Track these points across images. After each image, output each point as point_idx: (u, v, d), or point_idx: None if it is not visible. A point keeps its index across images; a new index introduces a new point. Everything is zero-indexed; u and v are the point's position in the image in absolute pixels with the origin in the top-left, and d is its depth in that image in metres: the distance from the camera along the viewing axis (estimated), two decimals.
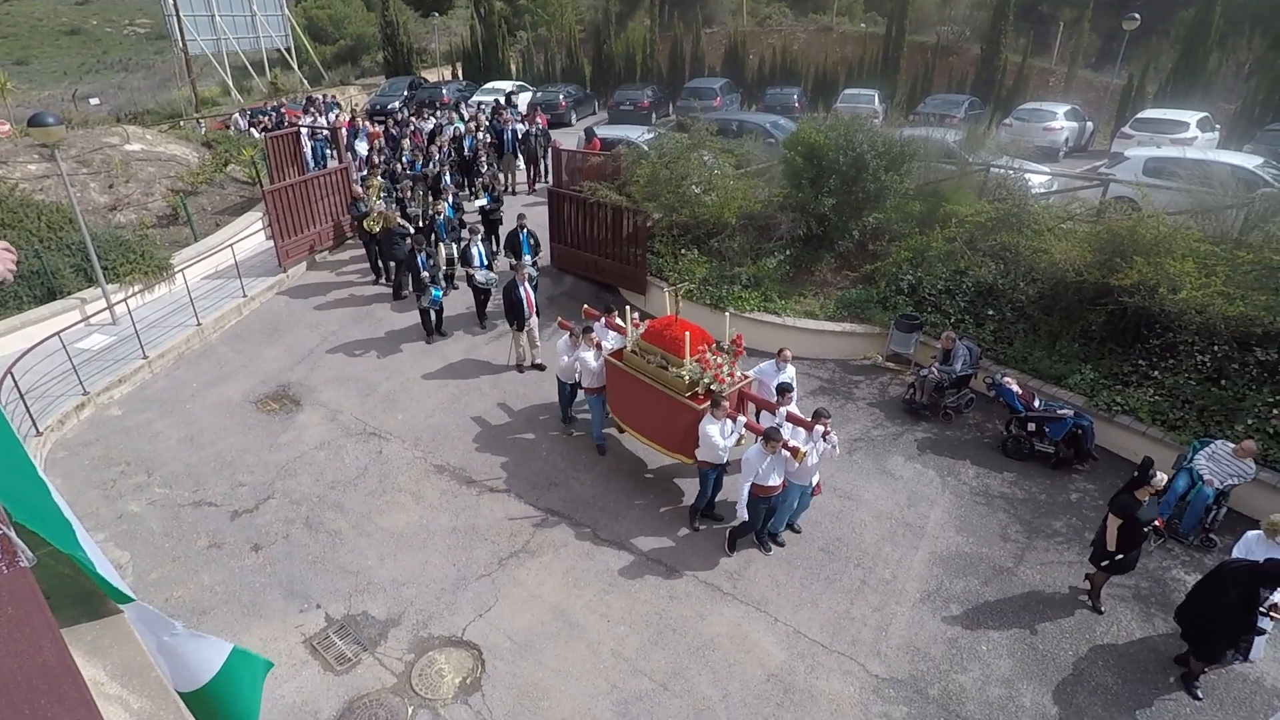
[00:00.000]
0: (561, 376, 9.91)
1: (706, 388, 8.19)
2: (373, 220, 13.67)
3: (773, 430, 7.39)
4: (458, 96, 27.54)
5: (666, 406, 8.46)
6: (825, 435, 7.57)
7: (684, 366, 8.22)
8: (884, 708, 6.55)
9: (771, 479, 7.46)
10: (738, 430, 7.90)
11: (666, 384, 8.42)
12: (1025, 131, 19.65)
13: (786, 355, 8.94)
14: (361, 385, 11.38)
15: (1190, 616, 6.56)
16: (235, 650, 2.90)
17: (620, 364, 9.05)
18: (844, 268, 12.84)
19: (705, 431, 7.77)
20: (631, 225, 13.10)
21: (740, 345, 8.85)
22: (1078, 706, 6.54)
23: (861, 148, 11.99)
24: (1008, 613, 7.47)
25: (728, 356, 8.53)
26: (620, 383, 9.16)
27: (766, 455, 7.35)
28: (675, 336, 8.35)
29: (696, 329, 8.56)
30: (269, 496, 9.11)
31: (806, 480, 7.87)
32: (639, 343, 8.89)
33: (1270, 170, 13.40)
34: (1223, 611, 6.25)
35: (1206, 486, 7.95)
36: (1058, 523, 8.59)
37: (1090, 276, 9.93)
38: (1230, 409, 8.84)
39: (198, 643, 2.86)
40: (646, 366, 8.67)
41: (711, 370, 8.20)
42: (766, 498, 7.59)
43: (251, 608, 7.56)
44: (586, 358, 9.24)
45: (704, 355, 8.36)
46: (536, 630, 7.30)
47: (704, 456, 7.98)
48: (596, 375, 9.33)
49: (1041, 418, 9.33)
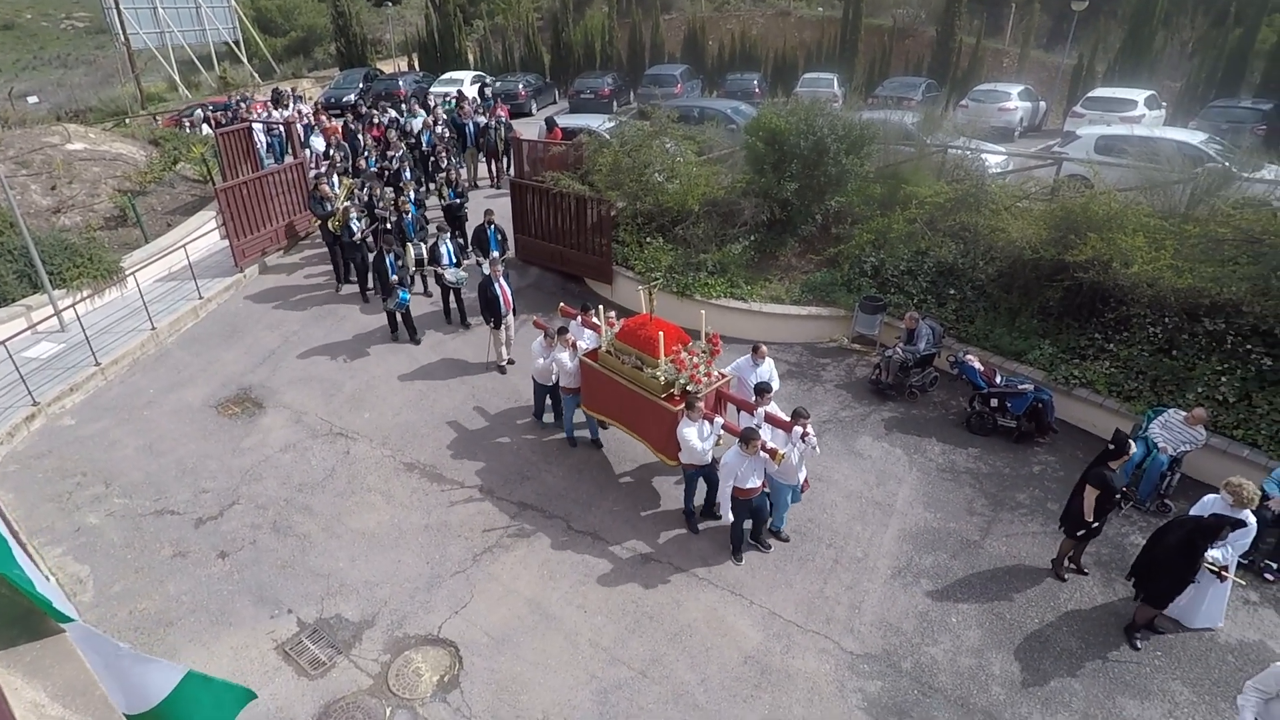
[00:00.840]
0: (538, 378, 9.69)
1: (682, 389, 8.05)
2: (338, 220, 13.31)
3: (750, 432, 7.26)
4: (415, 88, 27.06)
5: (644, 408, 8.32)
6: (804, 436, 7.43)
7: (659, 367, 8.04)
8: (859, 683, 6.66)
9: (751, 481, 7.37)
10: (716, 431, 7.75)
11: (642, 385, 8.27)
12: (981, 112, 19.99)
13: (763, 351, 8.88)
14: (326, 385, 11.19)
15: (1139, 567, 6.82)
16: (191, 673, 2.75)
17: (595, 364, 8.88)
18: (808, 252, 12.94)
19: (683, 435, 7.64)
20: (595, 215, 13.03)
21: (717, 344, 8.68)
22: (1044, 671, 6.73)
23: (822, 132, 12.07)
24: (975, 584, 7.65)
25: (704, 355, 8.38)
26: (596, 383, 8.99)
27: (745, 458, 7.24)
28: (650, 336, 8.16)
29: (672, 328, 8.37)
30: (234, 502, 8.93)
31: (793, 479, 7.78)
32: (614, 343, 8.70)
33: (1214, 146, 13.79)
34: (1162, 558, 6.52)
35: (1161, 454, 8.21)
36: (1021, 495, 8.80)
37: (1046, 254, 10.13)
38: (1181, 378, 9.13)
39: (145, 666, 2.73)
40: (622, 367, 8.51)
41: (687, 371, 8.06)
42: (747, 500, 7.49)
43: (220, 616, 7.41)
44: (562, 359, 9.10)
45: (679, 355, 8.19)
46: (513, 624, 7.28)
47: (686, 459, 7.87)
48: (574, 375, 9.20)
49: (1003, 393, 9.53)
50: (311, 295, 13.90)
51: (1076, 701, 6.46)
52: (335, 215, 13.28)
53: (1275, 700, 5.16)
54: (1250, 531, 6.54)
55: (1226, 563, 6.62)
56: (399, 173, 15.51)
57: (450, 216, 14.72)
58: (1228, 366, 8.93)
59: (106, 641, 2.73)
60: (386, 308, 11.98)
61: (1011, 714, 6.37)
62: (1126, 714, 6.34)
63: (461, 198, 14.74)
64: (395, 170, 15.65)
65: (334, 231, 13.35)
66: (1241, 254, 9.11)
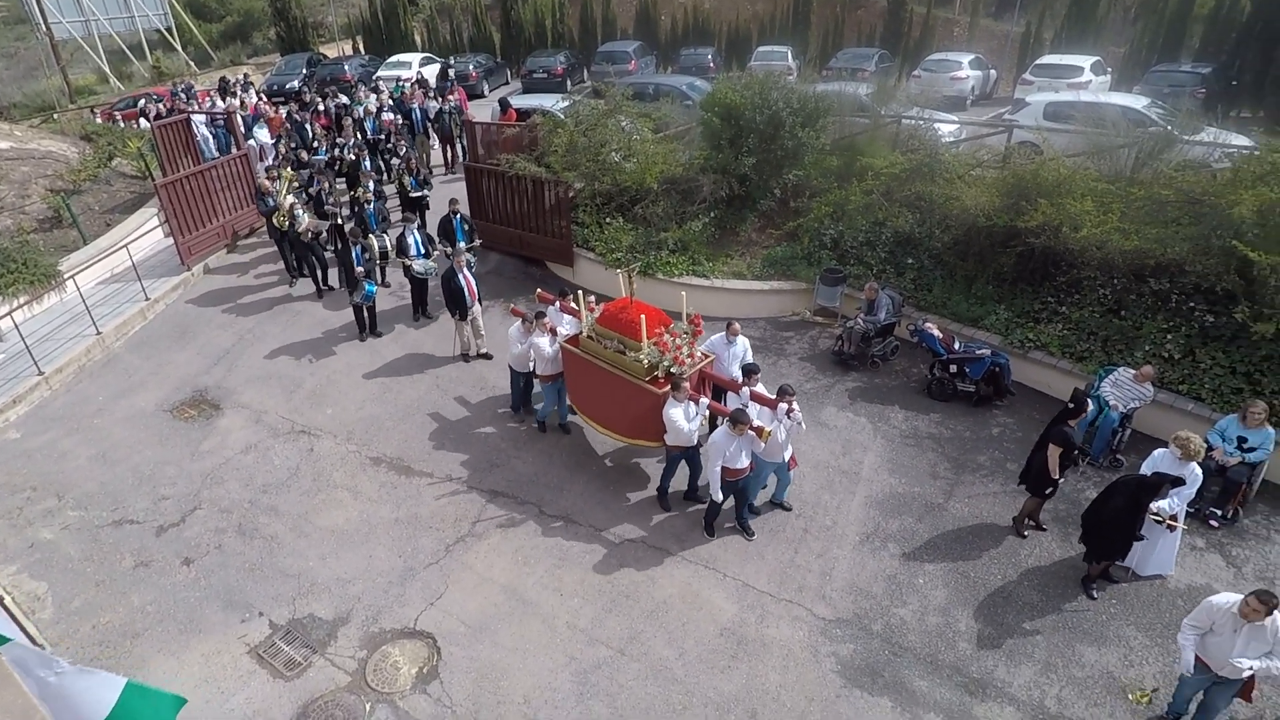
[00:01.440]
0: (515, 366, 9.56)
1: (666, 370, 7.99)
2: (283, 216, 12.89)
3: (740, 413, 7.24)
4: (362, 72, 26.34)
5: (627, 392, 8.24)
6: (790, 412, 7.46)
7: (642, 350, 7.98)
8: (832, 647, 6.83)
9: (740, 461, 7.39)
10: (702, 412, 7.79)
11: (625, 369, 8.20)
12: (933, 82, 20.19)
13: (735, 328, 8.91)
14: (285, 383, 10.96)
15: (1087, 523, 7.08)
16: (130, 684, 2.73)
17: (577, 350, 8.76)
18: (768, 226, 12.99)
19: (669, 416, 7.62)
20: (553, 197, 12.90)
21: (699, 324, 8.58)
22: (1007, 625, 6.97)
23: (777, 105, 12.07)
24: (941, 546, 7.86)
25: (686, 337, 8.31)
26: (578, 370, 8.89)
27: (734, 438, 7.25)
28: (631, 319, 8.09)
29: (653, 310, 8.31)
30: (196, 507, 8.73)
31: (779, 457, 7.80)
32: (595, 327, 8.58)
33: (1156, 109, 14.14)
34: (1110, 518, 6.78)
35: (1112, 411, 8.49)
36: (982, 457, 9.03)
37: (999, 220, 10.32)
38: (1130, 337, 9.43)
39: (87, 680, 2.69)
40: (604, 352, 8.42)
41: (670, 352, 8.00)
42: (735, 479, 7.52)
43: (189, 624, 7.27)
44: (541, 344, 8.96)
45: (662, 337, 8.15)
46: (490, 612, 7.29)
47: (673, 441, 7.85)
48: (551, 362, 9.07)
49: (962, 359, 9.74)
50: (264, 292, 13.56)
51: (1038, 652, 6.71)
52: (279, 210, 12.84)
53: (1209, 634, 5.44)
54: (1196, 482, 6.81)
55: (1175, 513, 6.90)
56: (356, 163, 15.02)
57: (412, 207, 14.33)
58: (1173, 324, 9.25)
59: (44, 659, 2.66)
60: (353, 301, 11.62)
61: (978, 668, 6.59)
62: (1085, 661, 6.61)
63: (424, 186, 14.40)
64: (352, 160, 15.15)
65: (280, 227, 12.94)
66: (1183, 215, 9.39)
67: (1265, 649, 5.25)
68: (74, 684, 2.65)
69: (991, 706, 6.28)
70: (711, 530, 8.06)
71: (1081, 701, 6.28)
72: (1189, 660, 5.51)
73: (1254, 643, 5.24)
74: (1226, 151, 10.58)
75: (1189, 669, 5.52)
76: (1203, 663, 5.54)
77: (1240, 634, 5.25)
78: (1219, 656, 5.40)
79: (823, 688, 6.48)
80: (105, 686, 2.69)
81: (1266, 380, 8.46)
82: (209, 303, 13.25)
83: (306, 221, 12.72)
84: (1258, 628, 5.19)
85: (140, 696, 2.76)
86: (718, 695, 6.45)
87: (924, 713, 6.25)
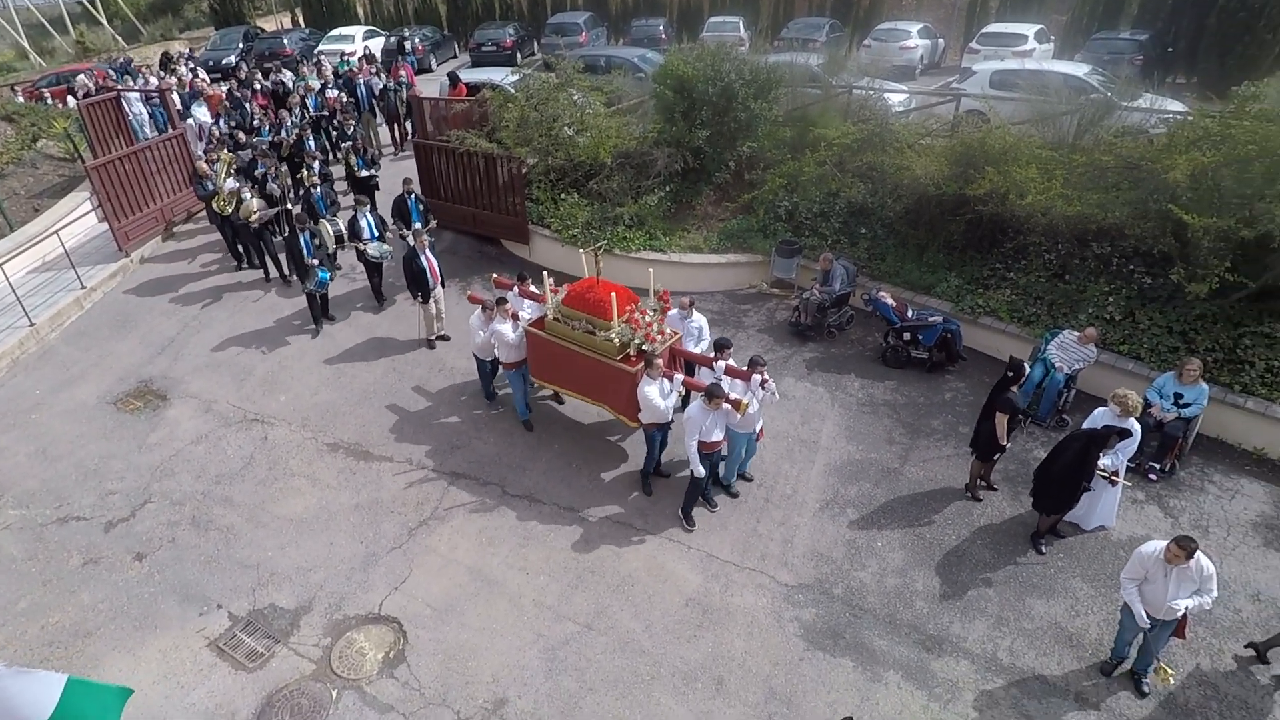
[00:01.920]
0: (479, 354, 9.34)
1: (638, 348, 7.92)
2: (224, 200, 12.31)
3: (715, 387, 7.23)
4: (301, 46, 25.41)
5: (599, 372, 8.15)
6: (763, 384, 7.48)
7: (612, 329, 7.90)
8: (795, 612, 6.99)
9: (715, 434, 7.42)
10: (676, 388, 7.74)
11: (596, 349, 8.09)
12: (883, 52, 20.30)
13: (684, 302, 8.83)
14: (235, 370, 10.66)
15: (1039, 480, 7.35)
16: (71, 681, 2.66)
17: (543, 333, 8.61)
18: (723, 199, 12.99)
19: (644, 394, 7.55)
20: (506, 173, 12.69)
21: (667, 300, 8.56)
22: (961, 583, 7.22)
23: (730, 77, 12.01)
24: (898, 509, 8.07)
25: (655, 313, 8.21)
26: (545, 352, 8.71)
27: (709, 412, 7.24)
28: (600, 299, 7.99)
29: (621, 289, 8.19)
30: (146, 501, 8.48)
31: (751, 429, 7.84)
32: (561, 309, 8.42)
33: (1097, 77, 14.46)
34: (1060, 473, 7.05)
35: (1058, 373, 8.78)
36: (935, 421, 9.27)
37: (949, 189, 10.49)
38: (1074, 301, 9.72)
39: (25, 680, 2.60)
40: (572, 333, 8.28)
41: (642, 330, 7.91)
42: (710, 454, 7.56)
43: (144, 620, 7.10)
44: (503, 330, 8.72)
45: (632, 315, 8.03)
46: (455, 593, 7.27)
47: (648, 419, 7.80)
48: (515, 348, 8.86)
49: (915, 326, 9.94)
50: (209, 277, 13.11)
51: (991, 607, 6.97)
52: (219, 195, 12.28)
53: (1145, 582, 5.75)
54: (1136, 438, 7.11)
55: (1117, 468, 7.19)
56: (299, 144, 14.44)
57: (361, 188, 13.83)
58: (1114, 287, 9.56)
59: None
60: (306, 289, 11.12)
61: (934, 625, 6.82)
62: (1035, 613, 6.89)
63: (372, 166, 13.92)
64: (294, 142, 14.56)
65: (221, 212, 12.38)
66: (1123, 180, 9.65)
67: (1194, 588, 5.61)
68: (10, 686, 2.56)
69: (948, 661, 6.52)
70: (691, 519, 7.93)
71: (1032, 652, 6.56)
72: (1140, 612, 5.77)
73: (1184, 584, 5.60)
74: (1162, 117, 10.90)
75: (1144, 620, 5.79)
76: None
77: (1171, 578, 5.59)
78: (1156, 601, 5.70)
79: (786, 651, 6.64)
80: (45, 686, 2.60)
81: (1200, 338, 8.83)
82: (150, 290, 12.76)
83: (255, 207, 12.18)
84: (1184, 570, 5.54)
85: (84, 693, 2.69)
86: (684, 664, 6.56)
87: (884, 671, 6.45)
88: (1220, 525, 7.69)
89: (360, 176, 13.78)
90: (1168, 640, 6.00)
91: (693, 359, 8.41)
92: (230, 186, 12.36)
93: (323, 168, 13.56)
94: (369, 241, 11.42)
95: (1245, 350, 8.62)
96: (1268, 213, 7.84)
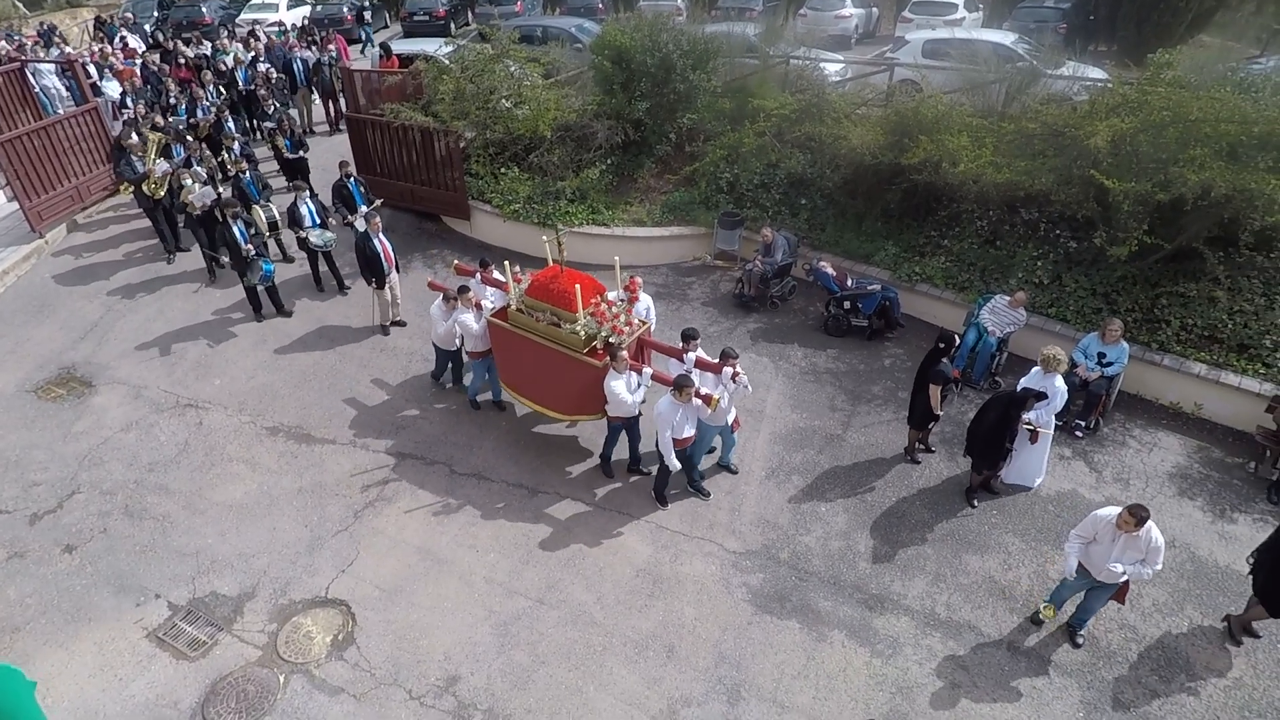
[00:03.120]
0: (440, 345, 8.99)
1: (604, 341, 7.63)
2: (157, 183, 11.52)
3: (683, 378, 7.00)
4: (222, 15, 24.19)
5: (564, 366, 7.77)
6: (734, 376, 7.30)
7: (578, 321, 7.53)
8: (743, 578, 7.15)
9: (686, 430, 7.25)
10: (645, 382, 7.46)
11: (560, 341, 7.70)
12: (819, 21, 20.42)
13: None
14: (165, 355, 10.24)
15: (970, 438, 7.69)
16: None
17: (505, 324, 8.18)
18: (665, 172, 12.97)
19: (610, 389, 7.29)
20: (444, 147, 12.39)
21: (635, 290, 8.24)
22: (901, 542, 7.49)
23: (667, 48, 11.94)
24: (840, 474, 8.30)
25: (622, 304, 7.94)
26: (508, 345, 8.32)
27: (679, 406, 7.02)
28: (564, 289, 7.58)
29: (587, 279, 7.85)
30: (74, 492, 8.14)
31: (722, 421, 7.65)
32: (524, 299, 8.00)
33: (1023, 45, 14.83)
34: (984, 432, 7.39)
35: (990, 337, 9.10)
36: (876, 387, 9.52)
37: (884, 158, 10.67)
38: (1005, 266, 10.06)
39: None
40: (536, 325, 7.88)
41: (609, 322, 7.62)
42: (682, 448, 7.39)
43: (76, 613, 6.85)
44: (466, 320, 8.40)
45: (599, 307, 7.73)
46: (404, 574, 7.21)
47: (615, 413, 7.60)
48: (480, 338, 8.55)
49: (855, 295, 10.15)
50: (135, 257, 12.52)
51: (929, 564, 7.26)
52: (150, 177, 11.52)
53: (1093, 543, 6.01)
54: (1061, 394, 7.43)
55: (1045, 424, 7.52)
56: (218, 124, 13.48)
57: (290, 170, 13.23)
58: (1042, 252, 9.92)
59: None
60: (247, 284, 10.44)
61: (876, 584, 7.08)
62: (970, 568, 7.20)
63: (300, 147, 13.23)
64: (215, 120, 13.62)
65: (152, 195, 11.60)
66: (1048, 147, 9.96)
67: (1139, 557, 5.84)
68: None
69: (889, 618, 6.77)
70: (664, 500, 7.89)
71: (968, 605, 6.87)
72: (1072, 566, 6.07)
73: (1129, 551, 5.83)
74: (1085, 85, 11.27)
75: (1071, 573, 6.10)
76: (1084, 568, 6.11)
77: (1118, 543, 5.82)
78: (1098, 562, 5.96)
79: (735, 616, 6.81)
80: None
81: (1121, 299, 9.26)
82: (70, 272, 12.12)
83: (197, 192, 11.13)
84: (1133, 538, 5.76)
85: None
86: (636, 633, 6.66)
87: (829, 630, 6.67)
88: (1140, 477, 8.13)
89: (289, 158, 13.12)
90: (1105, 602, 6.30)
91: (663, 350, 8.09)
92: (163, 168, 11.60)
93: (244, 149, 12.79)
94: (311, 229, 10.78)
95: (1162, 310, 9.08)
96: (1180, 176, 8.19)
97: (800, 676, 6.29)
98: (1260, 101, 8.81)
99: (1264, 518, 7.60)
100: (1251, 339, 8.68)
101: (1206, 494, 7.91)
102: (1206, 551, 7.27)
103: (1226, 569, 7.08)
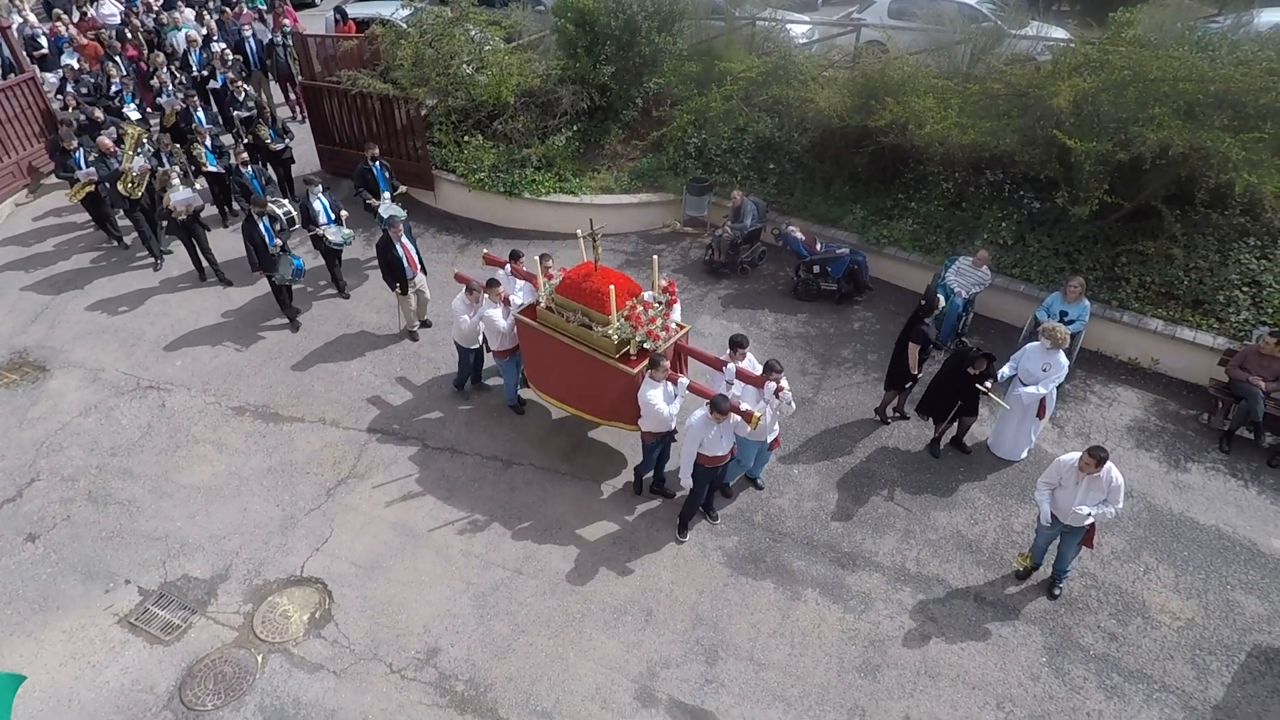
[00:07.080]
0: (462, 342, 8.35)
1: (639, 347, 7.11)
2: (136, 182, 10.64)
3: (720, 400, 6.34)
4: None
5: (595, 371, 7.26)
6: (778, 392, 6.66)
7: (611, 325, 7.00)
8: (718, 542, 7.26)
9: (718, 448, 6.61)
10: (681, 393, 6.88)
11: (592, 345, 7.20)
12: None
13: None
14: (123, 336, 9.97)
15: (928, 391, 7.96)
16: None
17: (534, 323, 7.67)
18: (632, 138, 12.80)
19: (646, 399, 6.72)
20: (405, 115, 12.09)
21: (674, 293, 7.66)
22: (873, 502, 7.64)
23: (631, 9, 11.71)
24: (812, 437, 8.41)
25: (660, 308, 7.37)
26: (536, 345, 7.83)
27: (712, 424, 6.43)
28: (597, 290, 7.05)
29: (622, 278, 7.32)
30: (33, 479, 7.95)
31: (762, 437, 7.11)
32: (555, 297, 7.50)
33: (988, 4, 14.79)
34: (940, 387, 7.71)
35: (956, 298, 9.21)
36: (845, 351, 9.62)
37: (852, 121, 10.63)
38: (970, 228, 10.15)
39: None
40: (566, 326, 7.36)
41: (644, 327, 7.08)
42: (713, 467, 6.80)
43: (43, 602, 6.74)
44: (493, 316, 7.82)
45: (634, 310, 7.17)
46: (380, 550, 7.19)
47: (649, 427, 6.98)
48: (506, 336, 7.97)
49: (824, 259, 10.19)
50: (85, 236, 12.08)
51: (899, 522, 7.42)
52: (126, 175, 10.60)
53: (1059, 489, 6.23)
54: (1063, 369, 7.42)
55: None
56: (186, 114, 12.16)
57: (273, 161, 12.16)
58: (1006, 213, 10.03)
59: None
60: (277, 281, 9.70)
61: (848, 543, 7.23)
62: (939, 524, 7.38)
63: (284, 136, 12.10)
64: (183, 109, 12.31)
65: (129, 195, 10.64)
66: (1012, 108, 10.00)
67: (1101, 497, 6.09)
68: None
69: (861, 575, 6.93)
70: (685, 529, 7.31)
71: (936, 560, 7.05)
72: (1046, 512, 6.30)
73: (1092, 493, 6.07)
74: (1048, 45, 11.30)
75: (1046, 520, 6.33)
76: (1053, 514, 6.33)
77: (1081, 485, 6.05)
78: (1065, 507, 6.19)
79: (711, 579, 6.91)
80: None
81: (1083, 258, 9.42)
82: (15, 253, 11.69)
83: (182, 195, 10.21)
84: (1094, 479, 6.00)
85: None
86: (614, 599, 6.74)
87: (803, 589, 6.82)
88: (1100, 431, 8.37)
89: (273, 149, 12.00)
90: (1078, 550, 6.51)
91: (703, 359, 7.44)
92: (140, 166, 10.74)
93: (215, 141, 11.74)
94: (327, 226, 10.04)
95: (1122, 268, 9.27)
96: (1139, 135, 8.30)
97: (776, 635, 6.43)
98: (1216, 60, 8.92)
99: (1216, 466, 7.89)
100: (1206, 294, 8.91)
101: (1162, 445, 8.17)
102: (1162, 500, 7.54)
103: (1181, 516, 7.36)
